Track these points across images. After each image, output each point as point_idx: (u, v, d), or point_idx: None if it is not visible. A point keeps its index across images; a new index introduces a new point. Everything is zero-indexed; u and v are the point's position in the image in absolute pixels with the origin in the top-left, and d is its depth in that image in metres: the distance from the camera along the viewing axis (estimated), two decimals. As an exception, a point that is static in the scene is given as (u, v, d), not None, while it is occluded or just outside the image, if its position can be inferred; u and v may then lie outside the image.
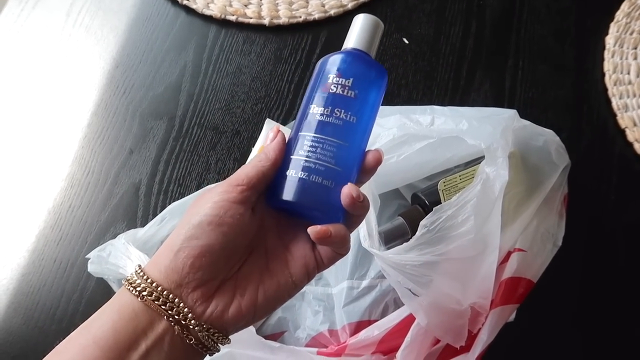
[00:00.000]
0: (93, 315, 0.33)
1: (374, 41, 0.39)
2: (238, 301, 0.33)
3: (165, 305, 0.32)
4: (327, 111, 0.36)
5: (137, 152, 0.62)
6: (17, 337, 0.54)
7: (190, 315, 0.32)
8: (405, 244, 0.45)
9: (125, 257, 0.49)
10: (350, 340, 0.48)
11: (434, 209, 0.44)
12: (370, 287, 0.52)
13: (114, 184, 0.61)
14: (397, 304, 0.51)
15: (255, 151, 0.60)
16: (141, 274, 0.33)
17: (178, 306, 0.32)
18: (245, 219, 0.34)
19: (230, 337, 0.34)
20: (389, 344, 0.47)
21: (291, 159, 0.35)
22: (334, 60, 0.37)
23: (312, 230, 0.33)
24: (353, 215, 0.35)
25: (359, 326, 0.50)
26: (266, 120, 0.63)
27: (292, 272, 0.35)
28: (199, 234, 0.32)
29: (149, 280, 0.32)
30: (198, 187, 0.60)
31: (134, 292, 0.32)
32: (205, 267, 0.32)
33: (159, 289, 0.32)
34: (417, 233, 0.44)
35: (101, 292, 0.56)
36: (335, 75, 0.36)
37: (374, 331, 0.47)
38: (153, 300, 0.32)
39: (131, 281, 0.33)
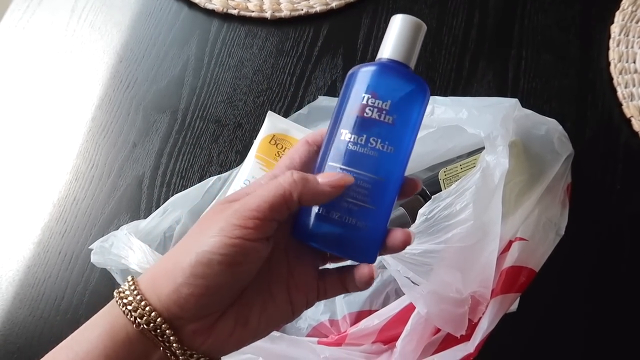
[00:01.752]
0: (80, 331, 0.30)
1: (415, 49, 0.33)
2: (239, 331, 0.31)
3: (163, 337, 0.29)
4: (361, 140, 0.31)
5: (140, 146, 0.63)
6: (22, 328, 0.55)
7: (188, 348, 0.29)
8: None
9: (127, 248, 0.50)
10: (350, 329, 0.48)
11: (432, 197, 0.44)
12: (371, 277, 0.52)
13: (118, 177, 0.61)
14: (398, 294, 0.51)
15: (256, 144, 0.60)
16: (136, 294, 0.30)
17: (177, 340, 0.29)
18: (262, 255, 0.30)
19: None
20: (389, 333, 0.47)
21: None
22: (368, 75, 0.32)
23: (361, 276, 0.31)
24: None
25: (359, 316, 0.50)
26: (268, 113, 0.63)
27: (292, 299, 0.32)
28: (207, 273, 0.28)
29: (147, 308, 0.29)
30: (200, 179, 0.60)
31: (129, 316, 0.29)
32: (210, 304, 0.30)
33: (158, 320, 0.29)
34: (415, 221, 0.44)
35: (105, 283, 0.56)
36: (370, 96, 0.32)
37: (374, 320, 0.47)
38: (150, 330, 0.29)
39: (126, 300, 0.30)
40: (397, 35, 0.33)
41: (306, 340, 0.48)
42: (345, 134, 0.32)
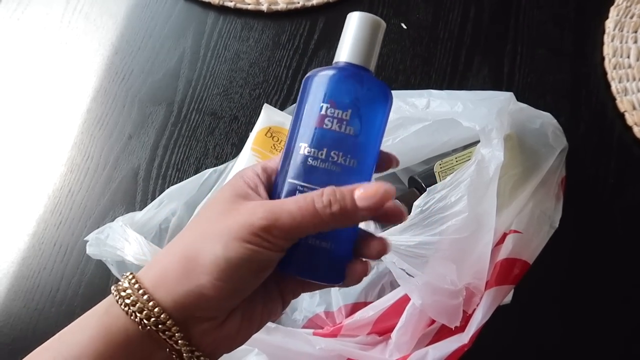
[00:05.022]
0: (68, 331, 0.28)
1: (374, 50, 0.31)
2: (246, 328, 0.30)
3: (171, 339, 0.27)
4: (321, 154, 0.29)
5: (136, 138, 0.63)
6: (17, 319, 0.55)
7: (195, 348, 0.28)
8: (399, 224, 0.45)
9: (122, 239, 0.50)
10: (345, 321, 0.48)
11: (427, 189, 0.44)
12: (366, 269, 0.52)
13: (113, 169, 0.61)
14: (394, 286, 0.51)
15: (252, 137, 0.60)
16: (142, 293, 0.27)
17: (186, 340, 0.28)
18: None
19: None
20: (384, 325, 0.47)
21: None
22: (325, 82, 0.30)
23: (353, 273, 0.30)
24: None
25: (354, 307, 0.50)
26: (264, 106, 0.63)
27: (282, 291, 0.32)
28: (236, 278, 0.28)
29: (156, 310, 0.27)
30: (196, 172, 0.60)
31: (133, 317, 0.27)
32: (230, 306, 0.29)
33: (169, 322, 0.27)
34: (410, 214, 0.44)
35: (100, 275, 0.56)
36: (328, 106, 0.30)
37: (369, 312, 0.47)
38: (158, 332, 0.27)
39: (128, 300, 0.27)
40: (355, 35, 0.31)
41: (302, 332, 0.49)
42: (304, 148, 0.30)
